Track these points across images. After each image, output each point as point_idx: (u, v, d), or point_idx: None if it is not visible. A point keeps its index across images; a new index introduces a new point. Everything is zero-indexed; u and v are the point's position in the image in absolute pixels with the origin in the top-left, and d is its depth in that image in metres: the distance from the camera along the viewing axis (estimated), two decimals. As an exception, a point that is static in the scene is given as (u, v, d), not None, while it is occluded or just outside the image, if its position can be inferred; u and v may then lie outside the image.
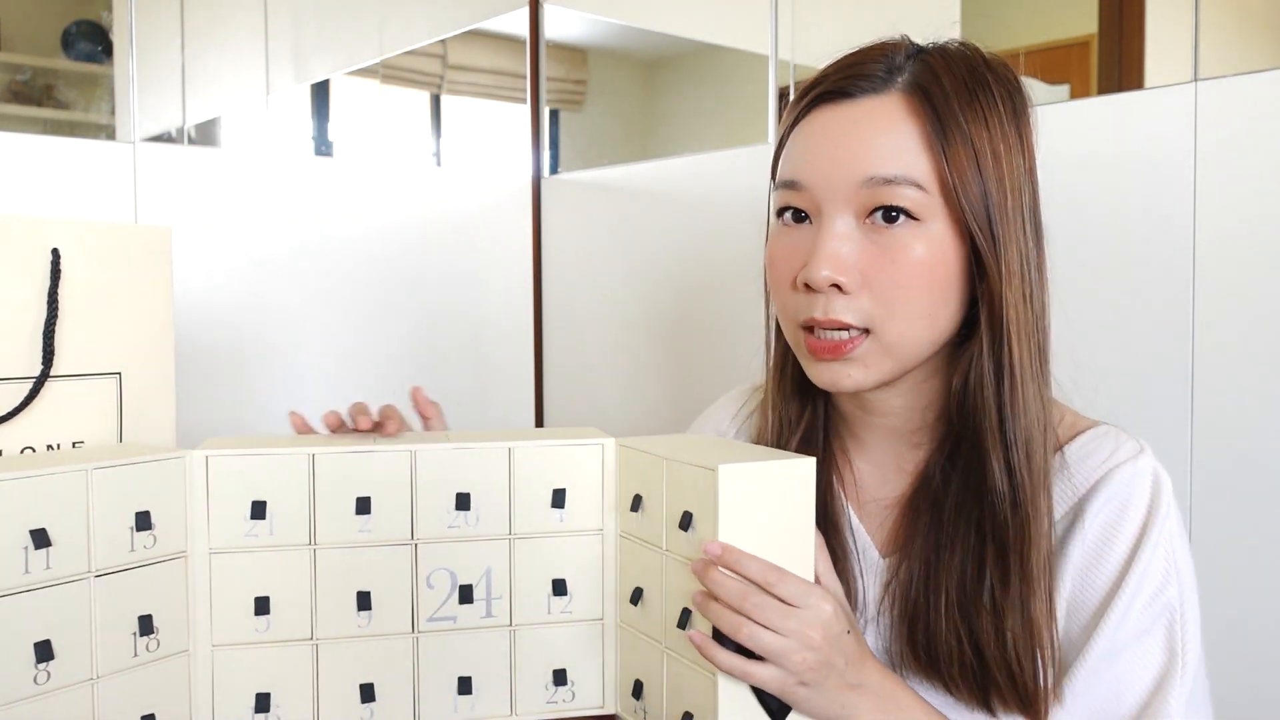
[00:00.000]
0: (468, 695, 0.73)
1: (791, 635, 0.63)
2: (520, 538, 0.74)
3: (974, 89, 0.68)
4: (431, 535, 0.72)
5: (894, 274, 0.68)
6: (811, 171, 0.70)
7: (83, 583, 0.64)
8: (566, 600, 0.75)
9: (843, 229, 0.69)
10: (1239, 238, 0.92)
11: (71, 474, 0.63)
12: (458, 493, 0.73)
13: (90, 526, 0.64)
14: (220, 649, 0.70)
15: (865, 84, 0.69)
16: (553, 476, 0.75)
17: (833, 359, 0.70)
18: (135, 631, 0.66)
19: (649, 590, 0.72)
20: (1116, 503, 0.70)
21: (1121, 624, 0.68)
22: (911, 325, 0.69)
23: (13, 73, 1.28)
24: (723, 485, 0.64)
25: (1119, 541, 0.70)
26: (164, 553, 0.68)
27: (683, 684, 0.69)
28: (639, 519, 0.73)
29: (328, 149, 1.52)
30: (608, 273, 1.60)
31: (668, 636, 0.70)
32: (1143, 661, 0.68)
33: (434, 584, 0.73)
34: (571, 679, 0.76)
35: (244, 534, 0.70)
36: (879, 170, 0.67)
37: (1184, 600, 0.69)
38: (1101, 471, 0.71)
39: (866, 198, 0.68)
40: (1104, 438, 0.73)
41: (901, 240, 0.68)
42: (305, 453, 0.70)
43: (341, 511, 0.71)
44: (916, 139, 0.67)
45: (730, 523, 0.64)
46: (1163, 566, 0.69)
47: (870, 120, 0.68)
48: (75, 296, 0.74)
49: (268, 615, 0.70)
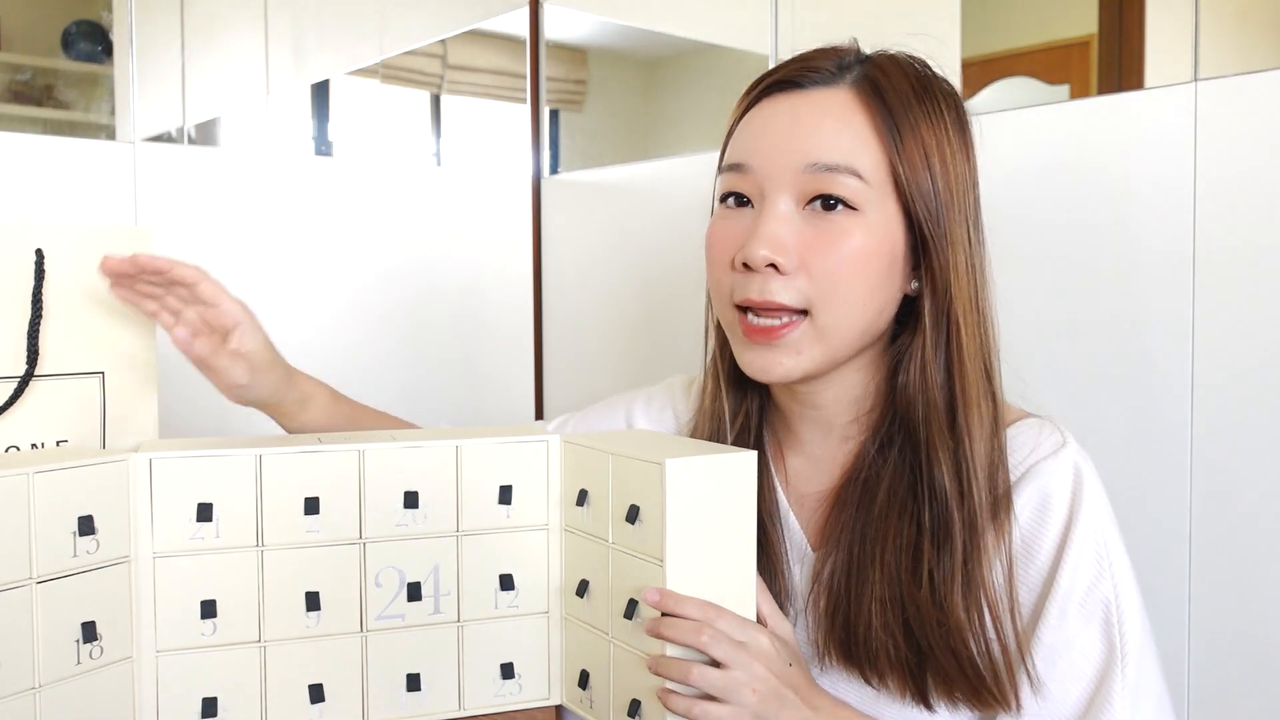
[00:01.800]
0: (416, 692, 0.74)
1: (739, 668, 0.64)
2: (468, 534, 0.75)
3: (922, 93, 0.70)
4: (380, 534, 0.73)
5: (831, 258, 0.68)
6: (756, 155, 0.71)
7: (24, 589, 0.62)
8: (513, 595, 0.76)
9: (784, 211, 0.70)
10: (1239, 238, 0.92)
11: (12, 478, 0.62)
12: (406, 491, 0.73)
13: (31, 532, 0.62)
14: (165, 654, 0.69)
15: (815, 76, 0.71)
16: (500, 474, 0.75)
17: (766, 342, 0.71)
18: (78, 639, 0.65)
19: (594, 582, 0.73)
20: (1039, 499, 0.70)
21: (1060, 625, 0.68)
22: (849, 310, 0.69)
23: (13, 73, 1.29)
24: (670, 479, 0.65)
25: (1045, 540, 0.70)
26: (107, 558, 0.67)
27: (629, 672, 0.70)
28: (584, 513, 0.74)
29: (328, 149, 1.52)
30: (608, 272, 1.59)
31: (614, 627, 0.71)
32: (1084, 657, 0.68)
33: (382, 582, 0.73)
34: (518, 672, 0.76)
35: (189, 537, 0.69)
36: (821, 157, 0.68)
37: (1119, 592, 0.69)
38: (1024, 468, 0.71)
39: (807, 183, 0.69)
40: (1028, 431, 0.73)
41: (840, 227, 0.68)
42: (252, 453, 0.70)
43: (289, 512, 0.71)
44: (865, 130, 0.69)
45: (677, 516, 0.66)
46: (1093, 560, 0.69)
47: (817, 109, 0.70)
48: (59, 297, 0.74)
49: (214, 618, 0.69)
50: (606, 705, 0.73)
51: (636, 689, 0.70)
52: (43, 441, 0.73)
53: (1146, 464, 0.97)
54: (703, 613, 0.65)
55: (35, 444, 0.73)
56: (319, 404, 0.88)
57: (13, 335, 0.72)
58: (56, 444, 0.74)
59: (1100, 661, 0.68)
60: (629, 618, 0.69)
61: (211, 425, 1.35)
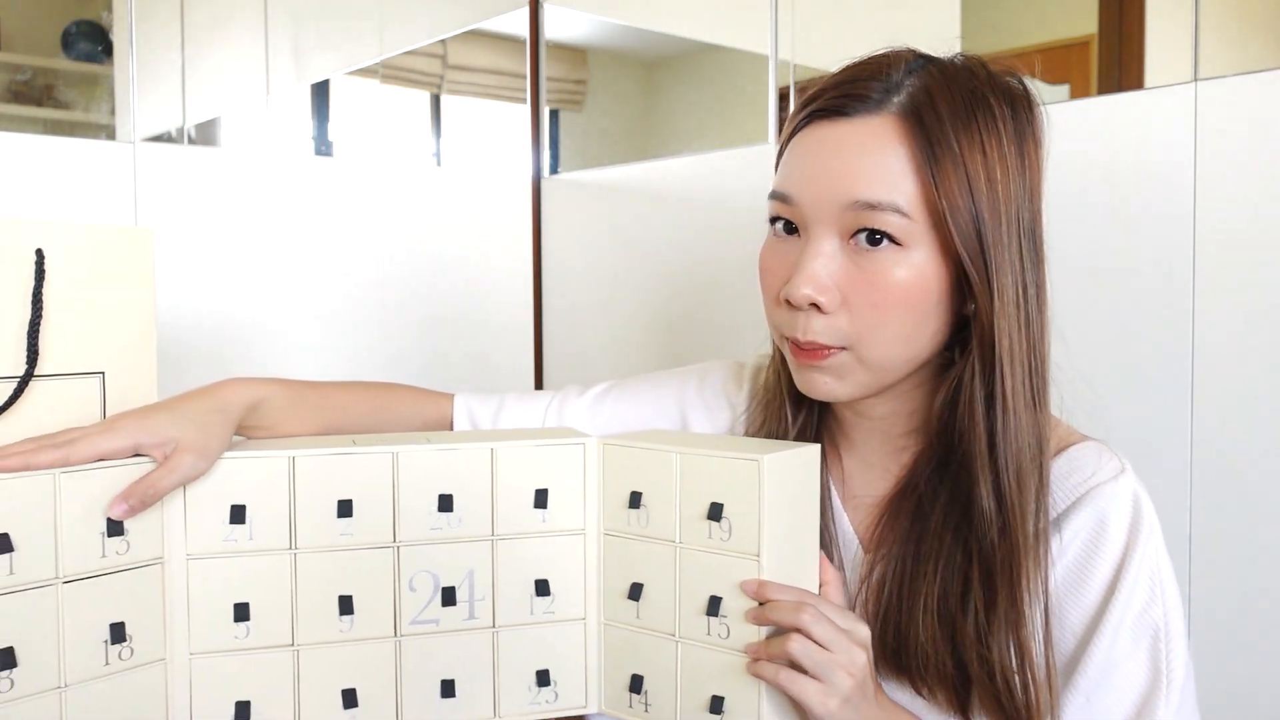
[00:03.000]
0: (451, 699, 0.73)
1: (840, 651, 0.65)
2: (503, 539, 0.74)
3: (972, 109, 0.67)
4: (414, 538, 0.72)
5: (872, 296, 0.68)
6: (800, 188, 0.70)
7: (49, 589, 0.62)
8: (549, 600, 0.75)
9: (826, 249, 0.69)
10: (1239, 237, 0.92)
11: (39, 478, 0.62)
12: (440, 494, 0.72)
13: (58, 532, 0.63)
14: (198, 657, 0.69)
15: (859, 104, 0.69)
16: (535, 477, 0.75)
17: (811, 363, 0.71)
18: (106, 639, 0.65)
19: (652, 585, 0.72)
20: (1095, 523, 0.70)
21: (1111, 648, 0.69)
22: (889, 346, 0.69)
23: (13, 73, 1.29)
24: (765, 475, 0.66)
25: (1100, 565, 0.70)
26: (139, 559, 0.67)
27: (706, 671, 0.70)
28: (637, 515, 0.73)
29: (328, 149, 1.52)
30: (608, 273, 1.59)
31: (684, 627, 0.71)
32: (1129, 681, 0.69)
33: (416, 587, 0.72)
34: (554, 679, 0.75)
35: (223, 539, 0.69)
36: (863, 195, 0.67)
37: (1169, 618, 0.69)
38: (1081, 490, 0.71)
39: (850, 220, 0.68)
40: (1087, 455, 0.73)
41: (883, 264, 0.67)
42: (285, 455, 0.70)
43: (322, 515, 0.70)
44: (905, 163, 0.67)
45: (770, 511, 0.67)
46: (1147, 586, 0.69)
47: (859, 142, 0.68)
48: (59, 297, 0.73)
49: (247, 622, 0.69)
50: (672, 707, 0.72)
51: (718, 686, 0.69)
52: (43, 442, 0.73)
53: (1146, 464, 0.97)
54: (803, 598, 0.66)
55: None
56: (271, 406, 0.79)
57: (13, 335, 0.72)
58: (57, 444, 0.74)
59: (1145, 684, 0.69)
60: (713, 615, 0.69)
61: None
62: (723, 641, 0.69)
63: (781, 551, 0.68)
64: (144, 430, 0.68)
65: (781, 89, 1.34)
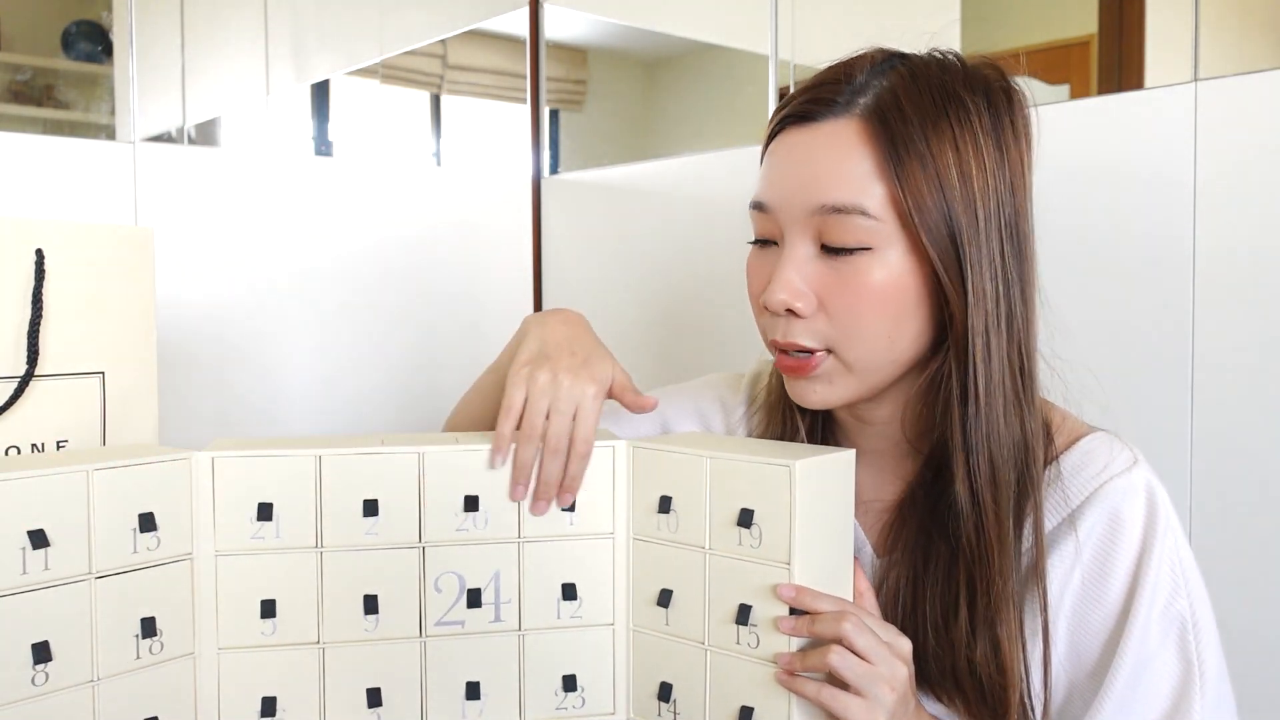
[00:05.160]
0: (476, 701, 0.73)
1: (883, 663, 0.63)
2: (529, 541, 0.73)
3: (943, 106, 0.67)
4: (439, 538, 0.72)
5: (849, 299, 0.68)
6: (773, 196, 0.71)
7: (82, 584, 0.63)
8: (576, 605, 0.74)
9: (801, 254, 0.69)
10: (1239, 238, 0.92)
11: (72, 474, 0.63)
12: (466, 495, 0.72)
13: (91, 527, 0.64)
14: (226, 652, 0.69)
15: (825, 109, 0.69)
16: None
17: (798, 376, 0.71)
18: (137, 634, 0.66)
19: (681, 592, 0.71)
20: (1110, 519, 0.69)
21: (1141, 648, 0.67)
22: (870, 348, 0.69)
23: (13, 73, 1.29)
24: (797, 480, 0.65)
25: (1119, 563, 0.69)
26: (168, 555, 0.67)
27: (735, 679, 0.69)
28: (667, 520, 0.72)
29: (328, 149, 1.52)
30: (607, 273, 1.59)
31: (714, 635, 0.70)
32: (1160, 677, 0.67)
33: (442, 587, 0.72)
34: (581, 685, 0.75)
35: (250, 536, 0.69)
36: (829, 199, 0.67)
37: (1195, 609, 0.68)
38: (1095, 485, 0.70)
39: (820, 224, 0.68)
40: (1099, 448, 0.71)
41: (857, 266, 0.67)
42: (312, 454, 0.70)
43: (348, 514, 0.70)
44: (868, 164, 0.67)
45: (803, 517, 0.65)
46: (1169, 579, 0.68)
47: (825, 147, 0.68)
48: (59, 297, 0.74)
49: (274, 618, 0.69)
50: (700, 716, 0.71)
51: (748, 696, 0.68)
52: (43, 442, 0.73)
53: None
54: (844, 607, 0.64)
55: (35, 444, 0.73)
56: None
57: (13, 335, 0.72)
58: (57, 445, 0.74)
59: (1177, 679, 0.67)
60: (742, 623, 0.68)
61: (210, 426, 1.35)
62: (752, 651, 0.68)
63: (813, 559, 0.67)
64: (617, 368, 0.75)
65: (781, 89, 1.34)
